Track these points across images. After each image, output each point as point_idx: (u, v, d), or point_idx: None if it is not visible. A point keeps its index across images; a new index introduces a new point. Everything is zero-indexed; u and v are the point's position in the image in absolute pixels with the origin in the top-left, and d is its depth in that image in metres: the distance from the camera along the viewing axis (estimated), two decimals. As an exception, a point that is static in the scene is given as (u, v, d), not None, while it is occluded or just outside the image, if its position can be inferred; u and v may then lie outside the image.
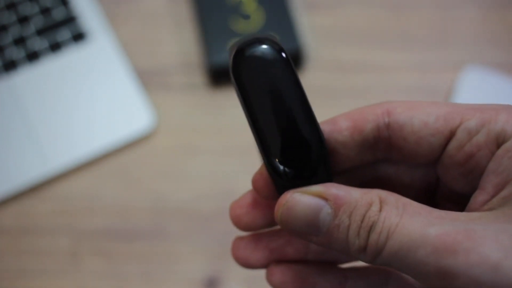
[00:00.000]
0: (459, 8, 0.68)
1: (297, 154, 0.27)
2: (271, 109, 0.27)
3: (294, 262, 0.33)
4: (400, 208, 0.25)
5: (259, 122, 0.27)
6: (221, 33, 0.65)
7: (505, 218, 0.24)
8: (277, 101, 0.27)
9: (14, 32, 0.65)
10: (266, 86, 0.27)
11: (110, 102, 0.63)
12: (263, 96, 0.27)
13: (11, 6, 0.66)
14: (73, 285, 0.58)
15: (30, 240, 0.59)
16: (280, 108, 0.27)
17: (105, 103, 0.63)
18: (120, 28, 0.68)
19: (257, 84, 0.27)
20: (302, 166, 0.28)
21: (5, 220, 0.60)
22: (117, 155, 0.62)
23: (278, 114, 0.27)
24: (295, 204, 0.27)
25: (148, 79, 0.65)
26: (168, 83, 0.65)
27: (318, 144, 0.28)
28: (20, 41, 0.65)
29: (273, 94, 0.27)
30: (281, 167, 0.27)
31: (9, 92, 0.63)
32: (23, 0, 0.66)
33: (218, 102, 0.65)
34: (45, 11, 0.66)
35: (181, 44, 0.67)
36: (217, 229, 0.59)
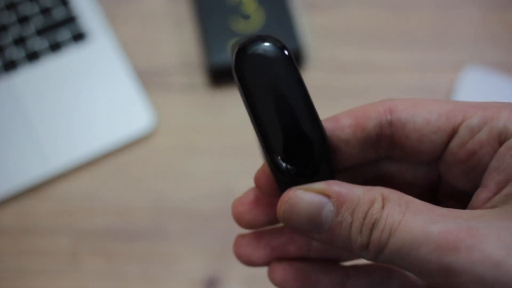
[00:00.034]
0: (459, 8, 0.68)
1: (299, 152, 0.27)
2: (274, 107, 0.27)
3: (296, 259, 0.33)
4: (403, 206, 0.25)
5: (262, 120, 0.27)
6: (221, 33, 0.65)
7: (507, 216, 0.24)
8: (279, 99, 0.27)
9: (14, 32, 0.65)
10: (269, 83, 0.27)
11: (110, 102, 0.63)
12: (266, 94, 0.27)
13: (11, 6, 0.66)
14: (73, 285, 0.58)
15: (30, 240, 0.59)
16: (283, 105, 0.27)
17: (105, 103, 0.63)
18: (120, 28, 0.68)
19: (260, 82, 0.27)
20: (305, 163, 0.28)
21: (5, 220, 0.60)
22: (117, 155, 0.62)
23: (281, 111, 0.27)
24: (298, 201, 0.27)
25: (148, 79, 0.65)
26: (168, 83, 0.65)
27: (320, 141, 0.28)
28: (20, 41, 0.65)
29: (275, 92, 0.27)
30: (284, 165, 0.27)
31: (9, 92, 0.63)
32: (23, 0, 0.66)
33: (218, 102, 0.65)
34: (45, 11, 0.66)
35: (181, 44, 0.67)
36: (217, 229, 0.59)
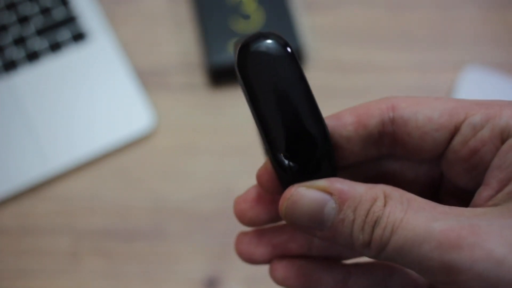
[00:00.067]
0: (459, 8, 0.68)
1: (302, 149, 0.27)
2: (276, 104, 0.27)
3: (298, 257, 0.33)
4: (405, 203, 0.25)
5: (265, 117, 0.27)
6: (221, 33, 0.65)
7: (509, 214, 0.24)
8: (282, 96, 0.27)
9: (14, 32, 0.65)
10: (271, 80, 0.27)
11: (110, 102, 0.63)
12: (269, 91, 0.27)
13: (11, 6, 0.66)
14: (73, 285, 0.58)
15: (30, 240, 0.59)
16: (285, 102, 0.27)
17: (105, 103, 0.63)
18: (120, 28, 0.68)
19: (262, 79, 0.27)
20: (307, 160, 0.27)
21: (5, 220, 0.60)
22: (117, 155, 0.62)
23: (283, 108, 0.27)
24: (300, 198, 0.27)
25: (148, 79, 0.65)
26: (168, 83, 0.65)
27: (322, 139, 0.28)
28: (20, 41, 0.65)
29: (278, 89, 0.27)
30: (286, 162, 0.27)
31: (9, 92, 0.63)
32: (23, 0, 0.66)
33: (218, 102, 0.65)
34: (45, 11, 0.66)
35: (181, 44, 0.67)
36: (217, 229, 0.59)
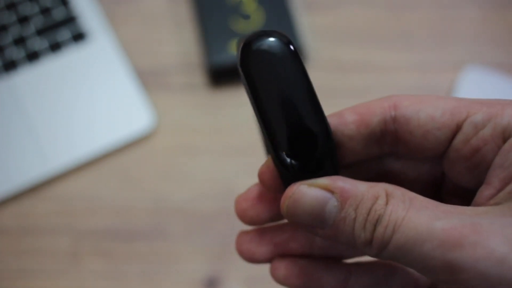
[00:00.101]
0: (459, 8, 0.68)
1: (304, 147, 0.27)
2: (279, 102, 0.27)
3: (299, 257, 0.33)
4: (407, 202, 0.25)
5: (267, 115, 0.27)
6: (221, 33, 0.65)
7: (511, 213, 0.24)
8: (285, 94, 0.27)
9: (14, 32, 0.65)
10: (274, 79, 0.27)
11: (110, 102, 0.63)
12: (271, 89, 0.27)
13: (11, 6, 0.66)
14: (73, 285, 0.58)
15: (30, 240, 0.59)
16: (288, 101, 0.27)
17: (105, 103, 0.63)
18: (120, 28, 0.68)
19: (265, 77, 0.27)
20: (309, 159, 0.28)
21: (5, 220, 0.60)
22: (117, 155, 0.62)
23: (286, 106, 0.27)
24: (302, 196, 0.27)
25: (148, 79, 0.65)
26: (168, 83, 0.65)
27: (325, 137, 0.28)
28: (20, 41, 0.65)
29: (280, 87, 0.27)
30: (288, 160, 0.27)
31: (9, 92, 0.63)
32: (23, 0, 0.66)
33: (218, 102, 0.65)
34: (45, 11, 0.66)
35: (181, 44, 0.67)
36: (217, 229, 0.59)
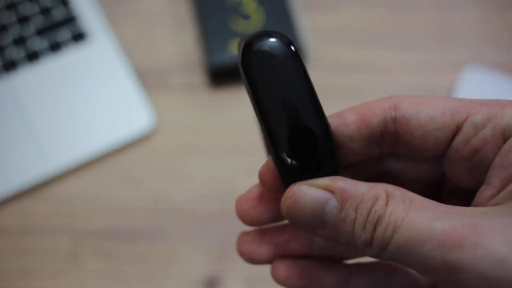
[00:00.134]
0: (459, 8, 0.68)
1: (304, 147, 0.28)
2: (280, 103, 0.27)
3: (299, 257, 0.33)
4: (407, 202, 0.25)
5: (268, 115, 0.28)
6: (221, 33, 0.65)
7: (511, 213, 0.24)
8: (285, 95, 0.27)
9: (14, 32, 0.65)
10: (275, 79, 0.27)
11: (110, 102, 0.63)
12: (272, 90, 0.27)
13: (11, 6, 0.66)
14: (73, 285, 0.58)
15: (30, 240, 0.59)
16: (289, 101, 0.27)
17: (105, 103, 0.63)
18: (120, 28, 0.68)
19: (266, 78, 0.27)
20: (310, 159, 0.28)
21: (5, 220, 0.60)
22: (117, 155, 0.62)
23: (287, 107, 0.27)
24: (302, 196, 0.27)
25: (148, 79, 0.65)
26: (168, 83, 0.65)
27: (325, 137, 0.28)
28: (20, 41, 0.65)
29: (281, 88, 0.27)
30: (289, 160, 0.27)
31: (9, 92, 0.63)
32: (23, 0, 0.66)
33: (218, 102, 0.65)
34: (45, 11, 0.66)
35: (181, 44, 0.67)
36: (217, 229, 0.59)
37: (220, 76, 0.64)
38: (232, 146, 0.63)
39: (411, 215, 0.24)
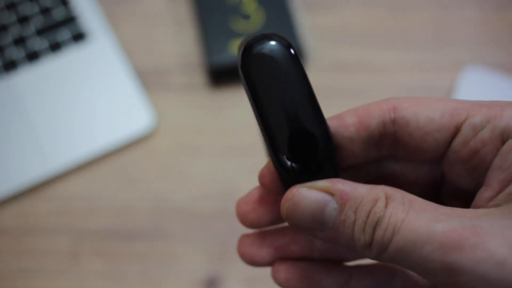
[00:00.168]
0: (459, 8, 0.68)
1: (304, 150, 0.28)
2: (279, 105, 0.27)
3: (300, 260, 0.33)
4: (406, 205, 0.25)
5: (267, 118, 0.28)
6: (221, 33, 0.65)
7: (511, 215, 0.24)
8: (285, 97, 0.27)
9: (14, 32, 0.65)
10: (274, 82, 0.27)
11: (110, 102, 0.63)
12: (271, 93, 0.27)
13: (11, 6, 0.66)
14: (73, 285, 0.58)
15: (30, 240, 0.59)
16: (288, 104, 0.27)
17: (105, 103, 0.63)
18: (120, 28, 0.67)
19: (265, 81, 0.28)
20: (309, 161, 0.28)
21: (5, 220, 0.60)
22: (117, 155, 0.62)
23: (286, 110, 0.27)
24: (301, 198, 0.27)
25: (148, 79, 0.65)
26: (168, 83, 0.65)
27: (325, 140, 0.28)
28: (20, 41, 0.65)
29: (281, 91, 0.27)
30: (289, 163, 0.28)
31: (9, 92, 0.63)
32: (23, 0, 0.66)
33: (218, 102, 0.65)
34: (45, 11, 0.66)
35: (181, 44, 0.67)
36: (217, 229, 0.59)
37: (220, 76, 0.64)
38: (232, 146, 0.63)
39: (411, 217, 0.24)
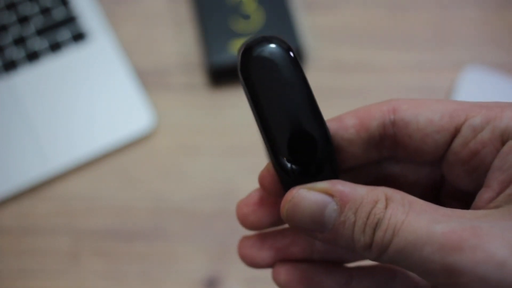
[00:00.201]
0: (459, 8, 0.68)
1: (304, 151, 0.28)
2: (279, 108, 0.27)
3: (300, 261, 0.33)
4: (406, 206, 0.25)
5: (267, 121, 0.28)
6: (221, 33, 0.65)
7: (511, 216, 0.24)
8: (284, 100, 0.28)
9: (14, 32, 0.65)
10: (274, 85, 0.27)
11: (110, 102, 0.63)
12: (271, 95, 0.28)
13: (11, 6, 0.66)
14: (73, 285, 0.58)
15: (30, 240, 0.59)
16: (288, 106, 0.27)
17: (105, 103, 0.63)
18: (120, 28, 0.67)
19: (265, 83, 0.28)
20: (309, 163, 0.28)
21: (5, 220, 0.60)
22: (117, 155, 0.62)
23: (286, 112, 0.27)
24: (301, 200, 0.27)
25: (148, 79, 0.65)
26: (168, 83, 0.65)
27: (324, 141, 0.28)
28: (20, 41, 0.65)
29: (280, 93, 0.28)
30: (288, 165, 0.28)
31: (9, 92, 0.63)
32: (23, 0, 0.66)
33: (218, 102, 0.65)
34: (45, 11, 0.66)
35: (181, 44, 0.67)
36: (217, 229, 0.59)
37: (220, 76, 0.64)
38: (232, 146, 0.63)
39: (411, 219, 0.24)
